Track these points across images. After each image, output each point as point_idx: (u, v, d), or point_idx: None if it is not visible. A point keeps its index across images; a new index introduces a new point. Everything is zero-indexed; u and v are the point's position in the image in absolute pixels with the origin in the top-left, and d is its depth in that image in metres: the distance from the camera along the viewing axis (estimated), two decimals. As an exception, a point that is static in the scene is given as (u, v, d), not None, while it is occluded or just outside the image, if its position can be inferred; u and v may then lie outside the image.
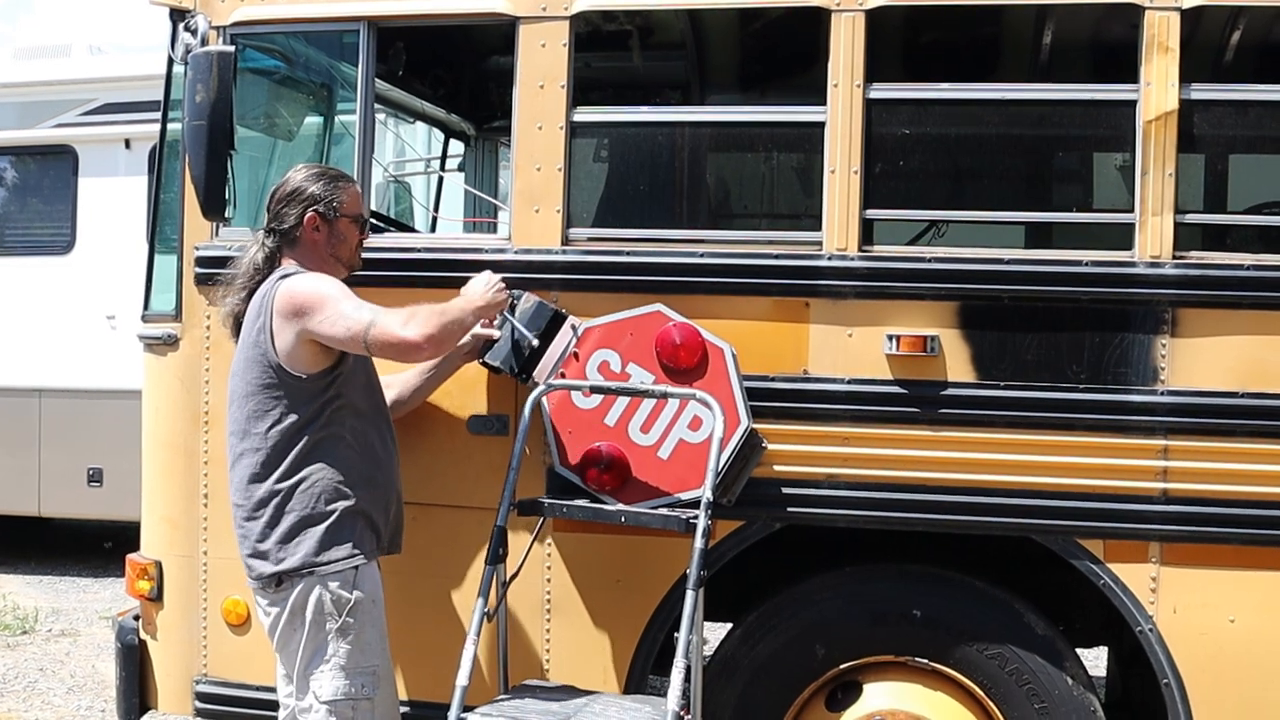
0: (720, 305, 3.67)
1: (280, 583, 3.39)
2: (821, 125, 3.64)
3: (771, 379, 3.64)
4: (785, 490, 3.64)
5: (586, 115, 3.83)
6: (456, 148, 5.92)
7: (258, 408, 3.41)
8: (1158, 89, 3.49)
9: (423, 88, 5.29)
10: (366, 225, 3.64)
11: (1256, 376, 3.46)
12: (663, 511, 3.53)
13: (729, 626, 3.90)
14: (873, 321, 3.60)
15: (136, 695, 4.19)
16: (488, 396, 3.81)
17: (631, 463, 3.60)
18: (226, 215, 3.87)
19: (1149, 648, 3.52)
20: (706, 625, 3.50)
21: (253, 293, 3.48)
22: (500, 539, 3.47)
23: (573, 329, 3.68)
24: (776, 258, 3.68)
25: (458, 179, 5.93)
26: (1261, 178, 4.65)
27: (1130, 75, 3.54)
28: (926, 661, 3.68)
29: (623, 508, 3.56)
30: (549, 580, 3.81)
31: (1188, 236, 3.61)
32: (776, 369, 3.64)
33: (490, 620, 3.48)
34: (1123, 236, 3.56)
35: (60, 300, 8.44)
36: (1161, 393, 3.49)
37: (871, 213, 3.64)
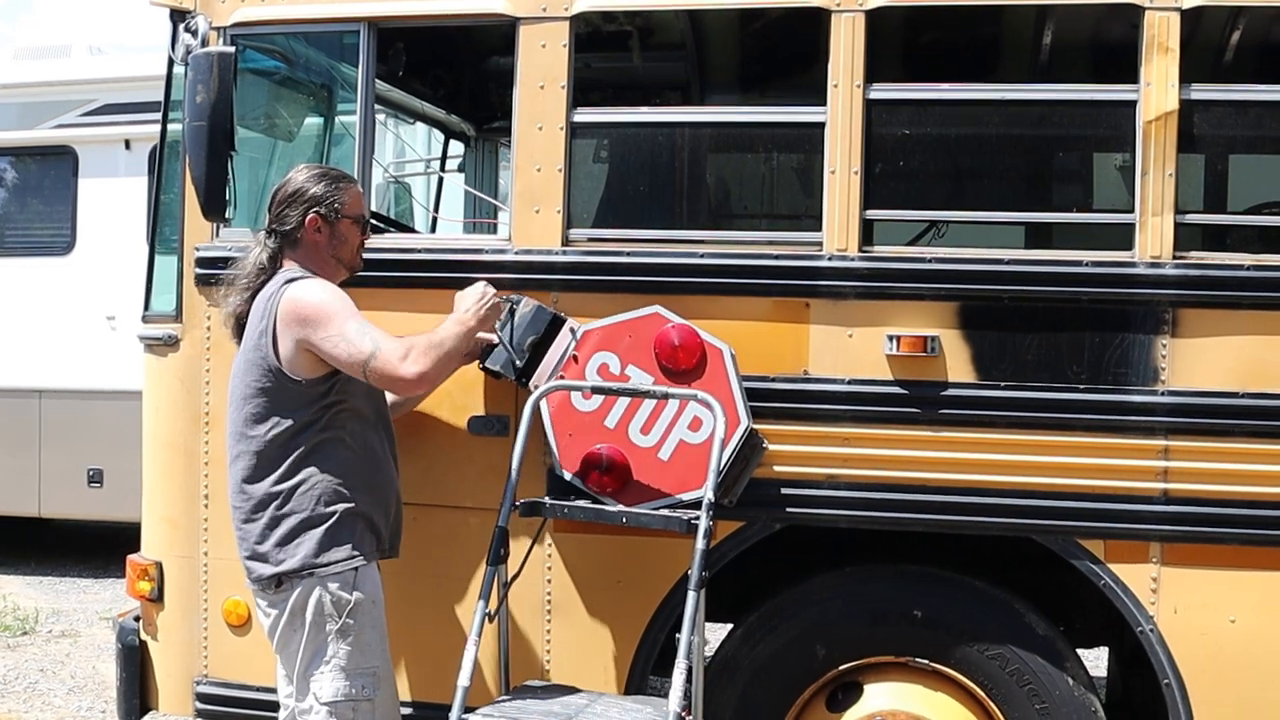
0: (721, 306, 3.67)
1: (280, 584, 3.39)
2: (822, 126, 3.64)
3: (772, 379, 3.64)
4: (786, 491, 3.64)
5: (587, 116, 3.83)
6: (456, 148, 5.92)
7: (258, 410, 3.41)
8: (1158, 89, 3.49)
9: (423, 88, 5.29)
10: (368, 226, 3.63)
11: (1257, 377, 3.46)
12: (664, 512, 3.53)
13: (730, 627, 3.91)
14: (873, 322, 3.60)
15: (137, 696, 4.19)
16: (489, 397, 3.81)
17: (632, 464, 3.60)
18: (227, 216, 3.87)
19: (1149, 648, 3.53)
20: (707, 626, 3.50)
21: (255, 294, 3.48)
22: (501, 540, 3.47)
23: (571, 332, 3.68)
24: (777, 258, 3.68)
25: (458, 179, 5.93)
26: (1261, 178, 4.65)
27: (1130, 75, 3.54)
28: (927, 662, 3.68)
29: (624, 509, 3.56)
30: (550, 581, 3.81)
31: (1188, 237, 3.61)
32: (777, 369, 3.65)
33: (491, 621, 3.48)
34: (1123, 237, 3.56)
35: (60, 301, 8.44)
36: (1162, 393, 3.49)
37: (872, 213, 3.64)
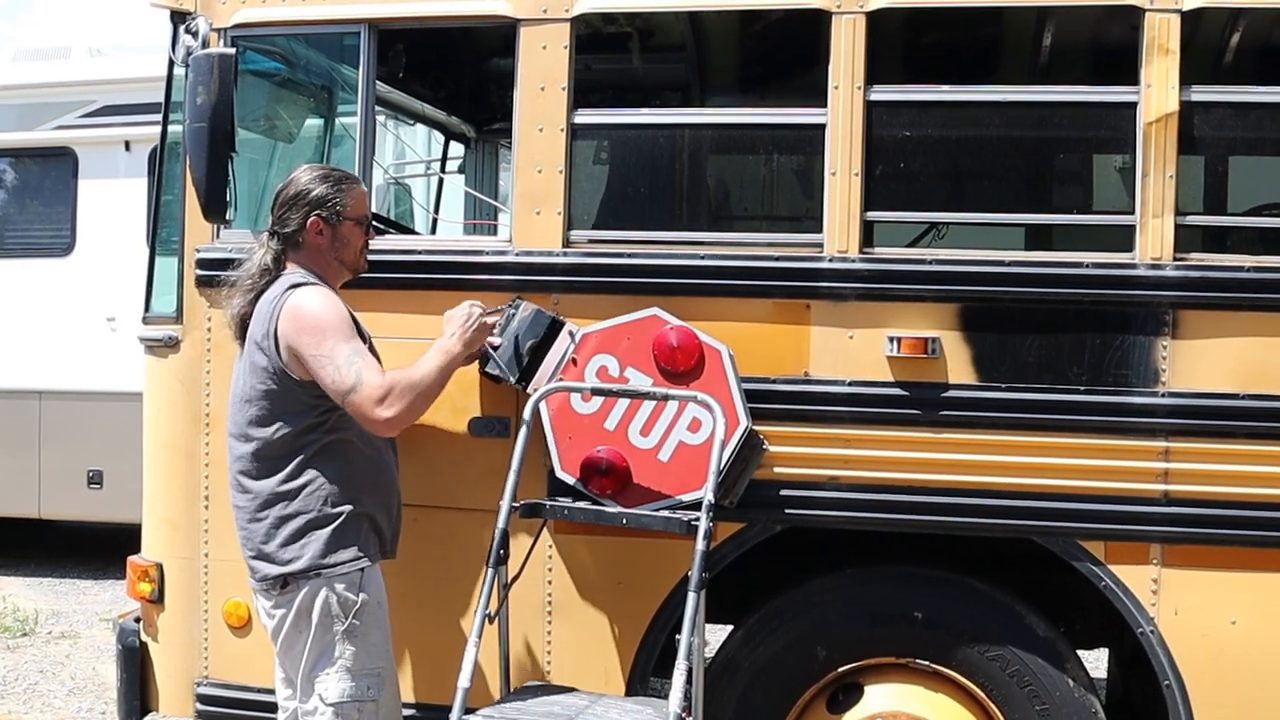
0: (721, 307, 3.67)
1: (286, 585, 3.38)
2: (822, 127, 3.64)
3: (773, 381, 3.64)
4: (786, 492, 3.64)
5: (587, 117, 3.83)
6: (457, 150, 5.92)
7: (262, 411, 3.40)
8: (1158, 91, 3.49)
9: (423, 90, 5.29)
10: (371, 227, 3.62)
11: (1257, 378, 3.46)
12: (664, 514, 3.53)
13: (730, 628, 3.90)
14: (874, 323, 3.60)
15: (137, 697, 4.19)
16: (489, 400, 3.81)
17: (632, 466, 3.60)
18: (227, 217, 3.87)
19: (1150, 649, 3.53)
20: (707, 627, 3.50)
21: (259, 295, 3.46)
22: (502, 541, 3.47)
23: (570, 335, 3.69)
24: (777, 260, 3.68)
25: (458, 181, 5.93)
26: (1262, 179, 4.65)
27: (1130, 77, 3.55)
28: (927, 663, 3.68)
29: (624, 510, 3.56)
30: (550, 583, 3.81)
31: (1188, 238, 3.61)
32: (778, 371, 3.65)
33: (492, 622, 3.48)
34: (1123, 238, 3.56)
35: (60, 302, 8.44)
36: (1162, 394, 3.49)
37: (872, 215, 3.64)
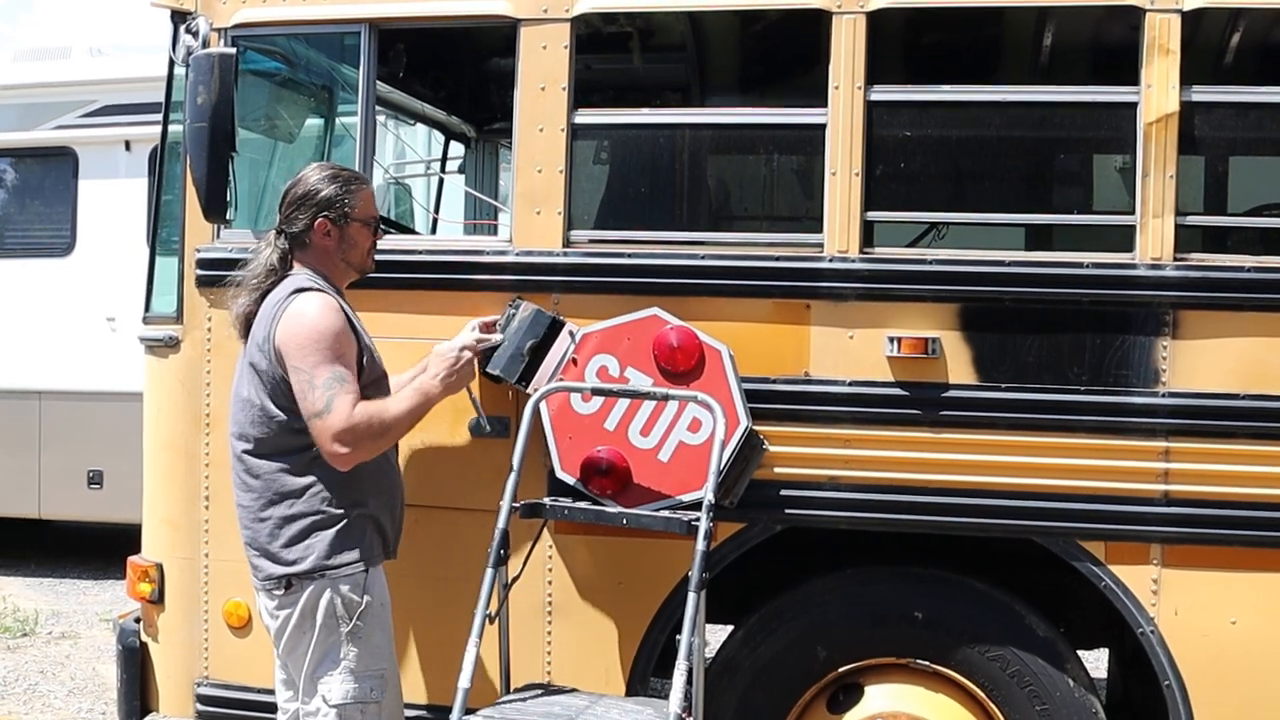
0: (722, 307, 3.67)
1: (290, 585, 3.36)
2: (822, 127, 3.64)
3: (773, 381, 3.64)
4: (786, 492, 3.64)
5: (587, 117, 3.83)
6: (457, 149, 5.92)
7: (264, 412, 3.37)
8: (1158, 91, 3.49)
9: (423, 90, 5.29)
10: (380, 228, 3.58)
11: (1258, 378, 3.46)
12: (664, 514, 3.53)
13: (730, 629, 3.90)
14: (874, 323, 3.61)
15: (137, 698, 4.19)
16: (489, 400, 3.81)
17: (632, 466, 3.60)
18: (228, 217, 3.87)
19: (1150, 650, 3.53)
20: (708, 627, 3.49)
21: (264, 295, 3.43)
22: (502, 542, 3.47)
23: (570, 335, 3.69)
24: (778, 260, 3.68)
25: (458, 181, 5.93)
26: (1262, 180, 4.65)
27: (1131, 77, 3.55)
28: (928, 663, 3.68)
29: (624, 510, 3.56)
30: (551, 583, 3.81)
31: (1188, 238, 3.61)
32: (778, 371, 3.65)
33: (492, 623, 3.47)
34: (1124, 238, 3.56)
35: (60, 302, 8.44)
36: (1163, 395, 3.49)
37: (872, 215, 3.64)
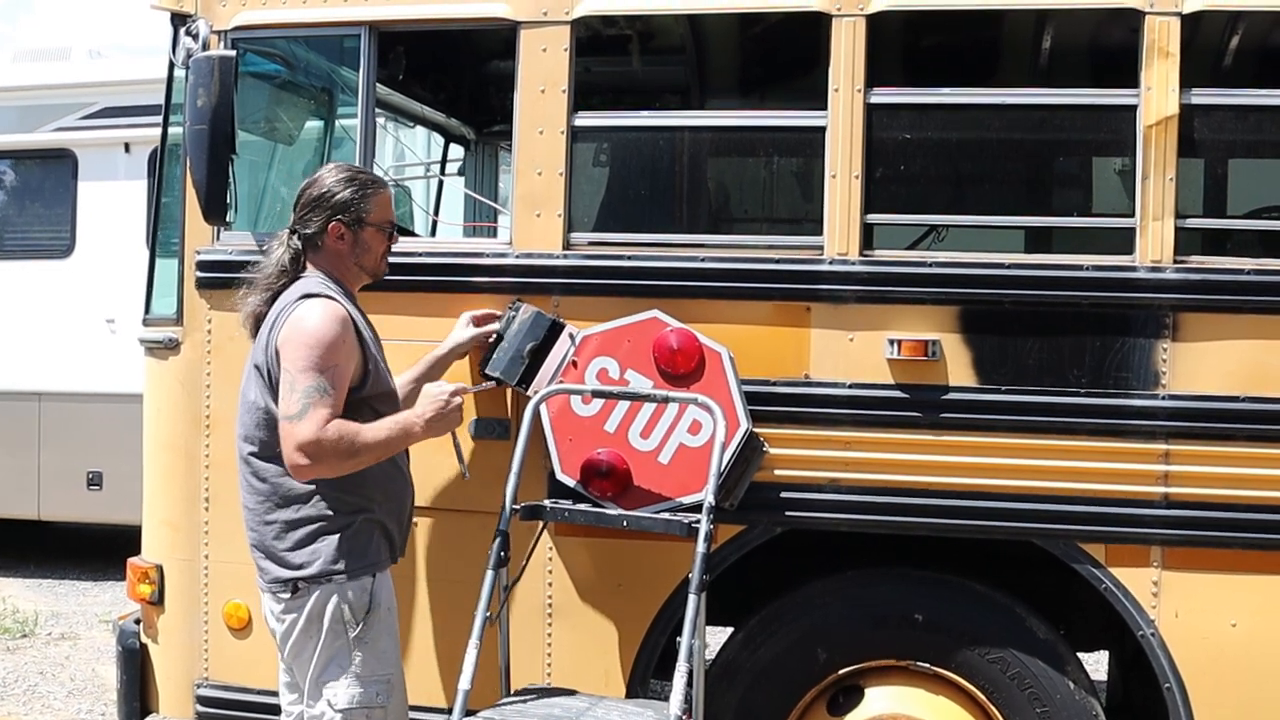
0: (722, 310, 3.67)
1: (296, 589, 3.32)
2: (822, 130, 3.65)
3: (773, 383, 3.64)
4: (787, 494, 3.64)
5: (587, 120, 3.83)
6: (456, 152, 5.92)
7: (271, 415, 3.31)
8: (1158, 94, 3.50)
9: (423, 92, 5.29)
10: (395, 233, 3.53)
11: (1257, 380, 3.46)
12: (664, 516, 3.53)
13: (730, 631, 3.91)
14: (874, 326, 3.61)
15: (137, 699, 4.19)
16: (489, 401, 3.81)
17: (632, 468, 3.60)
18: (228, 219, 3.88)
19: (1150, 652, 3.53)
20: (708, 629, 3.49)
21: (275, 295, 3.39)
22: (502, 544, 3.47)
23: (570, 338, 3.69)
24: (778, 262, 3.68)
25: (458, 183, 5.93)
26: (1262, 182, 4.65)
27: (1130, 80, 3.55)
28: (928, 665, 3.68)
29: (624, 512, 3.56)
30: (551, 585, 3.81)
31: (1188, 241, 3.61)
32: (778, 373, 3.65)
33: (492, 624, 3.48)
34: (1123, 241, 3.56)
35: (60, 304, 8.44)
36: (1163, 397, 3.49)
37: (873, 217, 3.65)
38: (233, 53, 3.79)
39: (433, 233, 5.97)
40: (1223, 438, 3.47)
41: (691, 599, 3.25)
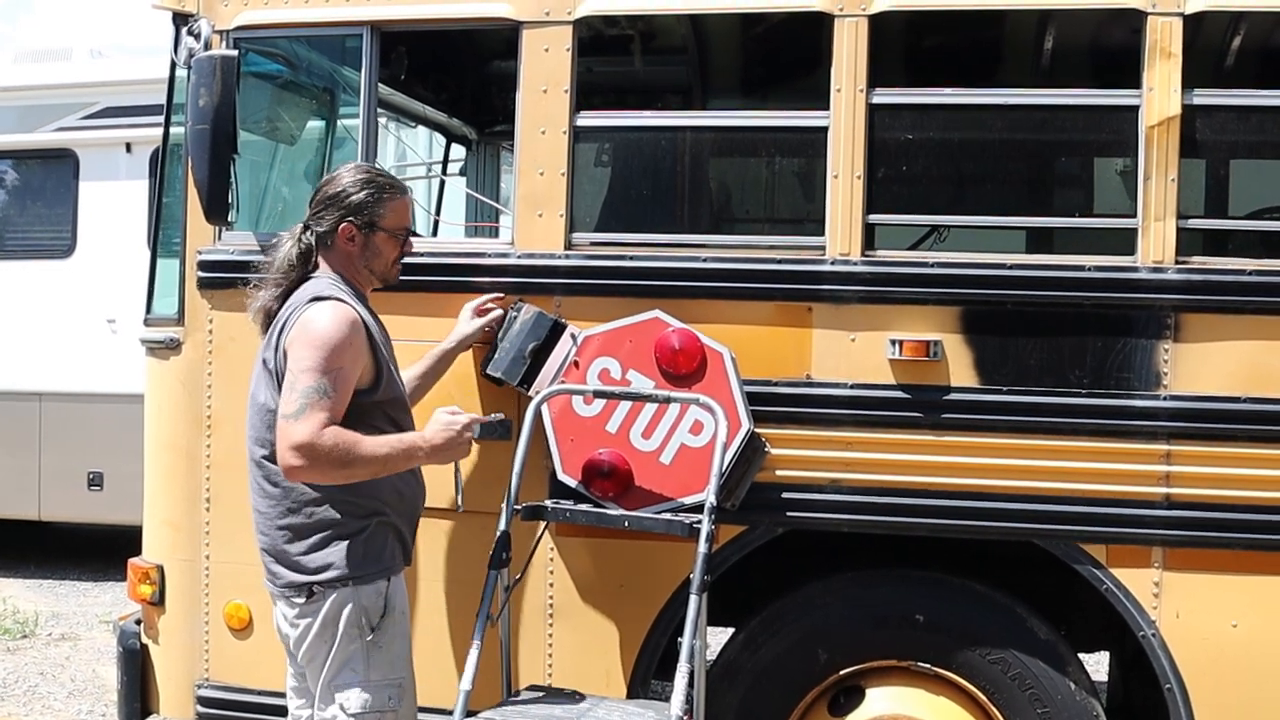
0: (723, 310, 3.67)
1: (312, 594, 3.26)
2: (824, 130, 3.65)
3: (775, 384, 3.64)
4: (788, 495, 3.64)
5: (589, 120, 3.83)
6: (458, 152, 5.93)
7: None
8: (1160, 94, 3.50)
9: (425, 92, 5.29)
10: (409, 240, 3.45)
11: (1259, 381, 3.46)
12: (666, 516, 3.53)
13: (731, 631, 3.90)
14: (876, 326, 3.61)
15: (138, 700, 4.19)
16: (491, 401, 3.81)
17: (634, 469, 3.60)
18: (229, 219, 3.88)
19: (1151, 653, 3.53)
20: (709, 630, 3.49)
21: (285, 291, 3.35)
22: (503, 544, 3.47)
23: (572, 338, 3.69)
24: (779, 262, 3.68)
25: (459, 183, 5.94)
26: (1264, 183, 4.66)
27: (1133, 80, 3.55)
28: (929, 666, 3.68)
29: (626, 513, 3.57)
30: (552, 585, 3.81)
31: (1190, 242, 3.61)
32: (780, 374, 3.65)
33: (493, 625, 3.48)
34: (1125, 242, 3.56)
35: (61, 304, 8.44)
36: (1164, 398, 3.49)
37: (874, 217, 3.65)
38: (234, 52, 3.79)
39: (434, 233, 5.96)
40: (1224, 438, 3.47)
41: (693, 599, 3.25)
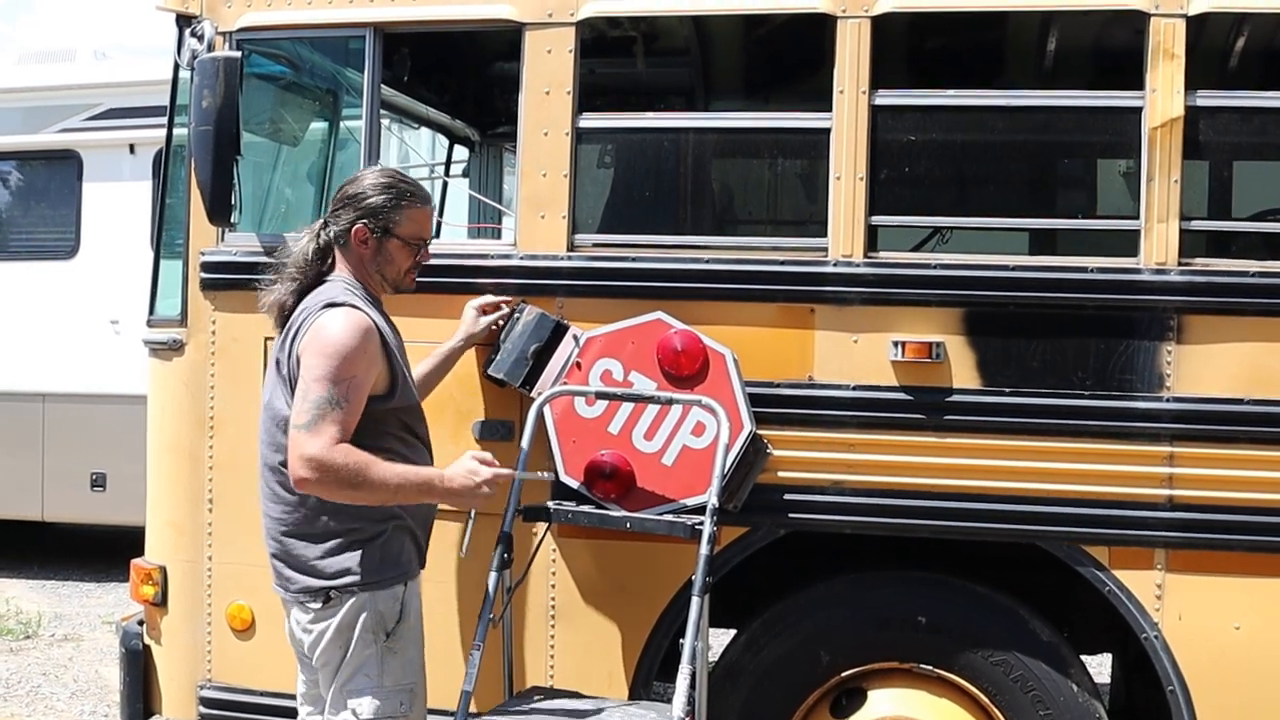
0: (726, 311, 3.67)
1: (329, 599, 3.23)
2: (827, 131, 3.65)
3: (777, 385, 3.64)
4: (790, 496, 3.64)
5: (592, 121, 3.83)
6: (461, 153, 5.93)
7: None
8: (1163, 95, 3.49)
9: (428, 93, 5.29)
10: (424, 250, 3.38)
11: (1262, 383, 3.46)
12: (668, 518, 3.53)
13: (733, 633, 3.90)
14: (878, 328, 3.60)
15: (140, 700, 4.19)
16: (493, 403, 3.81)
17: (636, 470, 3.60)
18: (232, 220, 3.88)
19: (1154, 654, 3.52)
20: (711, 631, 3.50)
21: (300, 288, 3.31)
22: (506, 545, 3.47)
23: (574, 339, 3.69)
24: (782, 264, 3.68)
25: (462, 185, 5.94)
26: (1266, 184, 4.65)
27: (1136, 82, 3.55)
28: (931, 668, 3.68)
29: (628, 514, 3.56)
30: (554, 587, 3.81)
31: (1193, 243, 3.61)
32: (782, 375, 3.65)
33: (495, 626, 3.47)
34: (1128, 243, 3.56)
35: (64, 305, 8.45)
36: (1167, 399, 3.49)
37: (877, 219, 3.65)
38: (238, 54, 3.80)
39: (437, 234, 5.95)
40: (1227, 440, 3.47)
41: (695, 601, 3.25)
